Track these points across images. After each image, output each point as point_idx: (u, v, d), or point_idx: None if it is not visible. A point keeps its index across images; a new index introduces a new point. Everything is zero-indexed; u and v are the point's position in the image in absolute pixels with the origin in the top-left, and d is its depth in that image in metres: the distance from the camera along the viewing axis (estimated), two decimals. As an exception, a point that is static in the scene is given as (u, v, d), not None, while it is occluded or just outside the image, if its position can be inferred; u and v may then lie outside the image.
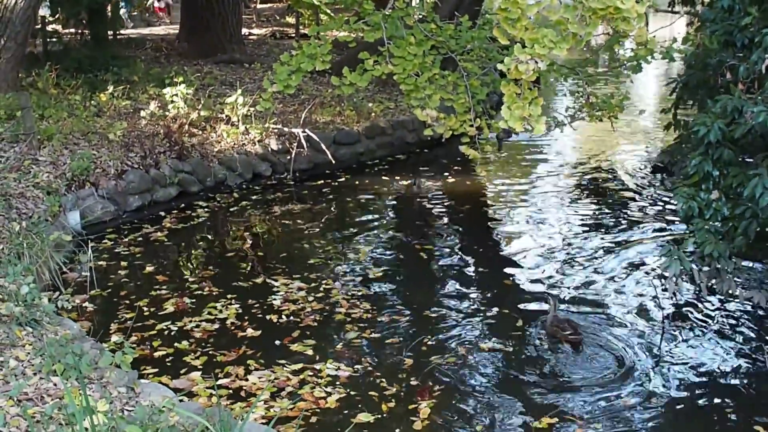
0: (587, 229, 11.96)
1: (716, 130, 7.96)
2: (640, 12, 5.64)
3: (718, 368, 7.96)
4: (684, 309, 9.23)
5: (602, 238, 11.51)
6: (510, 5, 5.67)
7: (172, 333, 8.58)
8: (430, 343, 8.43)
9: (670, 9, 17.75)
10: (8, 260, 8.84)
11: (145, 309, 9.17)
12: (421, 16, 10.42)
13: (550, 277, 10.20)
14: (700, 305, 9.28)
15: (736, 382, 7.72)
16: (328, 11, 10.20)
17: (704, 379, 7.79)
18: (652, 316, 9.09)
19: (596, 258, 10.79)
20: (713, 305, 9.27)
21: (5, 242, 9.36)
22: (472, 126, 8.57)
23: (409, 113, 11.23)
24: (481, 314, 9.19)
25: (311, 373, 7.70)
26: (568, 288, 9.86)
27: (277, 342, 8.39)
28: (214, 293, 9.63)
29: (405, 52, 8.80)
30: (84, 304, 9.24)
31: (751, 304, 8.94)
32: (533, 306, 9.36)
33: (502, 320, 9.04)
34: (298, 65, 8.63)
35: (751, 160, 8.24)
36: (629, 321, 8.95)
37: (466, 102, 9.06)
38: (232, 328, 8.74)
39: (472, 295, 9.78)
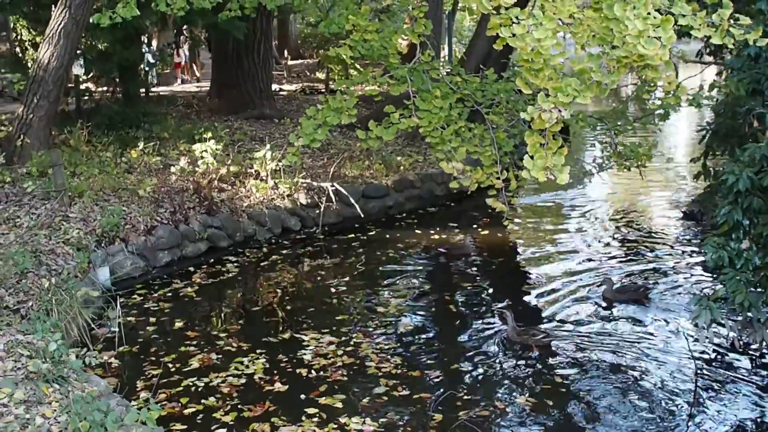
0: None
1: (745, 179, 7.87)
2: (664, 58, 5.58)
3: (755, 422, 7.76)
4: (717, 360, 9.06)
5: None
6: (533, 56, 5.65)
7: (200, 389, 8.52)
8: (464, 397, 8.32)
9: (698, 59, 17.64)
10: (37, 317, 8.89)
11: (174, 365, 9.13)
12: (448, 70, 10.45)
13: (576, 331, 10.06)
14: (733, 356, 9.10)
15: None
16: (358, 66, 10.26)
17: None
18: (684, 368, 8.90)
19: (628, 311, 10.64)
20: (747, 355, 9.08)
21: (34, 299, 9.42)
22: (498, 178, 8.53)
23: (438, 166, 11.18)
24: (512, 369, 9.06)
25: (335, 426, 7.62)
26: (602, 342, 9.71)
27: (303, 396, 8.32)
28: (243, 348, 9.58)
29: (431, 105, 8.82)
30: (111, 360, 9.22)
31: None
32: (565, 358, 9.22)
33: (533, 375, 8.90)
34: (323, 119, 8.67)
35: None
36: (663, 374, 8.77)
37: (493, 155, 9.04)
38: (261, 382, 8.68)
39: (503, 350, 9.64)
